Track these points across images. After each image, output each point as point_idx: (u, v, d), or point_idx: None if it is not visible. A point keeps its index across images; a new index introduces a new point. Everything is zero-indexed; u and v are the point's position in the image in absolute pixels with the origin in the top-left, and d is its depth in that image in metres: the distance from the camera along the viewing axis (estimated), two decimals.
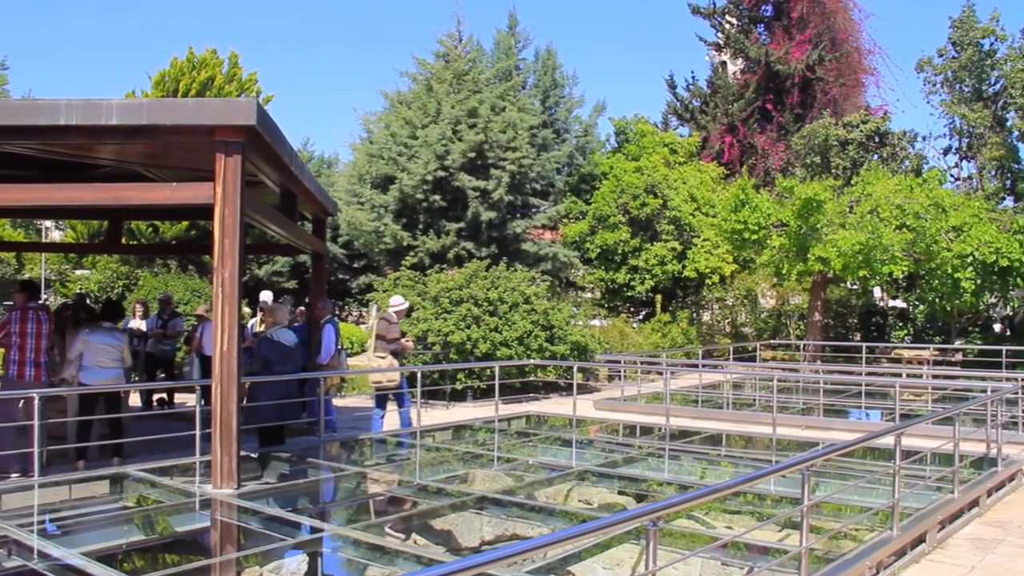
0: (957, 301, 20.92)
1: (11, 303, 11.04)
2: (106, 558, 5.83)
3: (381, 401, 12.01)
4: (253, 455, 9.24)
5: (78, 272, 34.98)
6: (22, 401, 9.13)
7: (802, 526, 5.22)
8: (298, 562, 6.22)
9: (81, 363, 9.55)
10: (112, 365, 9.80)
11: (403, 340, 12.21)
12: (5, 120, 7.38)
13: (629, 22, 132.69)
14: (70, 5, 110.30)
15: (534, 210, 23.58)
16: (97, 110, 7.27)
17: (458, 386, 15.93)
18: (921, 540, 6.64)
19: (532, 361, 15.64)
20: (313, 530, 6.66)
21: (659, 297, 24.83)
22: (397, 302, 12.39)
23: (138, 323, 14.30)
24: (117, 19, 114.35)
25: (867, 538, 6.26)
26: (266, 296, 13.47)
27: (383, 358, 11.71)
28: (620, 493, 8.32)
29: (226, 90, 27.50)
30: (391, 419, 12.07)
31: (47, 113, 7.28)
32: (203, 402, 8.69)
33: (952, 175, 30.93)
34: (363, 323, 31.28)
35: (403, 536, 6.60)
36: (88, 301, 14.75)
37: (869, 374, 17.44)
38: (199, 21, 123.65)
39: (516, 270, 18.33)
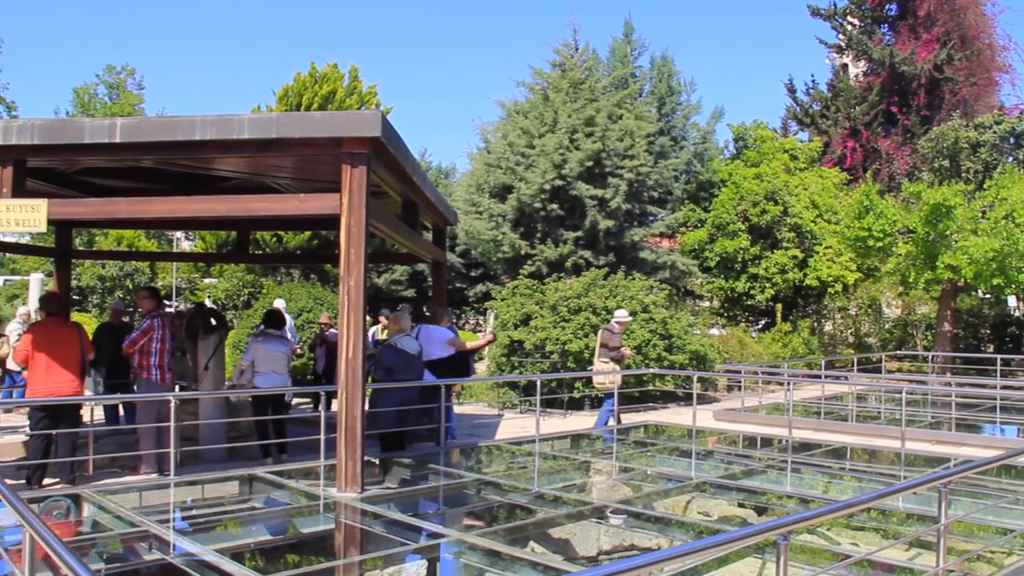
0: None
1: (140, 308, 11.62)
2: (236, 556, 6.09)
3: (610, 400, 13.42)
4: (375, 460, 9.50)
5: (206, 280, 36.37)
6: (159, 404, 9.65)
7: (939, 546, 5.07)
8: (418, 566, 6.37)
9: (255, 369, 10.10)
10: (282, 371, 10.38)
11: (623, 349, 13.65)
12: (149, 136, 7.79)
13: (746, 27, 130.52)
14: (199, 26, 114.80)
15: (652, 218, 23.43)
16: (230, 125, 7.62)
17: (576, 395, 15.98)
18: None
19: (650, 370, 15.57)
20: (433, 535, 6.81)
21: (779, 306, 24.34)
22: (621, 315, 14.08)
23: None
24: (242, 37, 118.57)
25: (1007, 562, 6.03)
26: (385, 312, 13.82)
27: (606, 363, 13.41)
28: (740, 506, 8.24)
29: (347, 103, 28.23)
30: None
31: (184, 129, 7.66)
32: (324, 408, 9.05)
33: None
34: (480, 331, 31.60)
35: (520, 544, 6.68)
36: (210, 306, 15.37)
37: (1004, 387, 16.71)
38: (320, 37, 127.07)
39: (634, 279, 18.27)
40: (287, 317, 16.13)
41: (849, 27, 35.06)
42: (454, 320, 13.64)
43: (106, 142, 7.66)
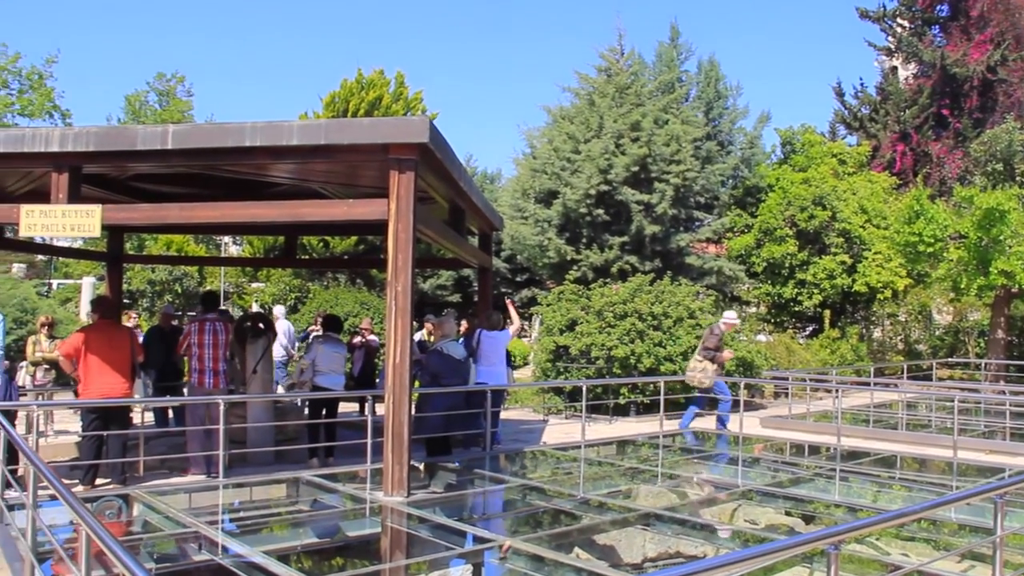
0: None
1: (193, 313, 11.82)
2: (284, 558, 6.14)
3: (699, 401, 13.94)
4: (421, 465, 9.54)
5: (254, 285, 36.79)
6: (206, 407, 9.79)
7: (995, 559, 4.98)
8: (464, 571, 6.39)
9: (315, 368, 10.31)
10: (340, 372, 10.61)
11: (724, 352, 13.95)
12: (199, 143, 7.90)
13: (793, 30, 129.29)
14: (246, 33, 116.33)
15: (698, 223, 23.29)
16: (279, 131, 7.71)
17: (621, 401, 15.93)
18: None
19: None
20: (479, 540, 6.83)
21: (827, 312, 24.04)
22: (730, 317, 14.48)
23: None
24: (289, 44, 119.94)
25: None
26: (430, 318, 13.91)
27: (700, 362, 13.59)
28: (787, 514, 8.15)
29: (393, 109, 28.47)
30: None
31: (234, 135, 7.76)
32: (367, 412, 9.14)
33: None
34: (525, 336, 31.62)
35: (566, 549, 6.67)
36: (257, 310, 15.57)
37: None
38: (367, 44, 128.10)
39: (680, 284, 18.19)
40: (287, 324, 16.41)
41: (899, 29, 34.61)
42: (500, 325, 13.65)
43: (158, 148, 7.79)
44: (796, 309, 24.43)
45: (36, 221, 8.02)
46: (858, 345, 23.72)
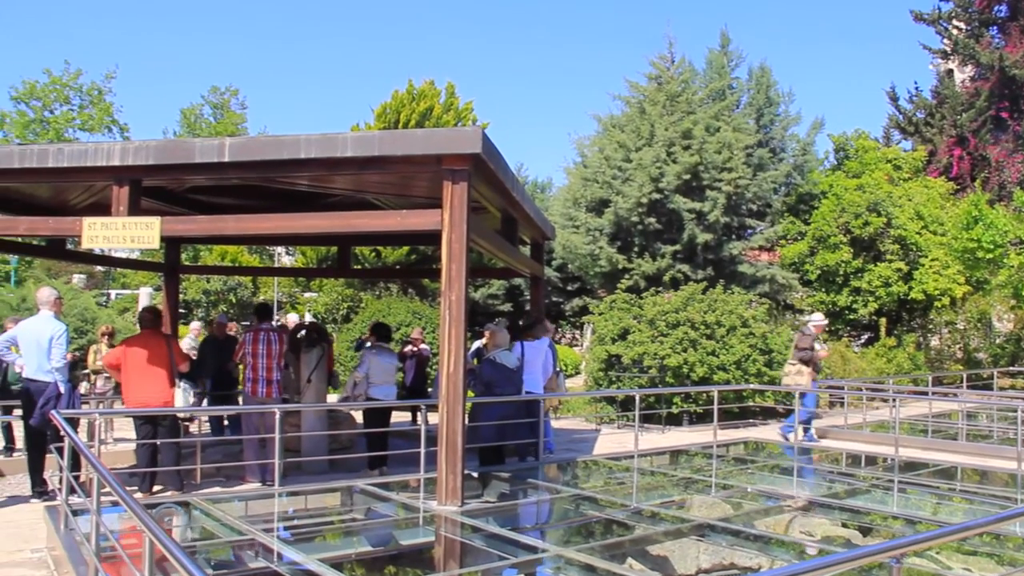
0: None
1: (248, 323, 11.98)
2: (338, 566, 6.18)
3: (809, 401, 14.00)
4: (474, 474, 9.55)
5: (307, 295, 37.24)
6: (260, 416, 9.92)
7: None
8: None
9: (369, 380, 10.39)
10: (391, 382, 10.65)
11: (818, 351, 14.05)
12: (255, 155, 7.99)
13: (846, 35, 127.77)
14: (298, 45, 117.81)
15: (750, 231, 23.12)
16: (333, 143, 7.77)
17: (674, 410, 15.83)
18: None
19: (751, 386, 15.34)
20: (532, 549, 6.82)
21: (883, 320, 23.69)
22: (817, 319, 14.67)
23: None
24: (340, 56, 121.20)
25: None
26: (489, 326, 13.91)
27: (793, 365, 13.83)
28: (843, 526, 8.03)
29: (444, 119, 28.64)
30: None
31: (289, 147, 7.83)
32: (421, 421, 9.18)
33: None
34: (576, 345, 31.57)
35: (618, 560, 6.64)
36: (311, 320, 15.72)
37: None
38: (417, 54, 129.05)
39: (733, 292, 18.05)
40: None
41: (955, 31, 34.06)
42: (553, 334, 13.64)
43: (215, 161, 7.90)
44: (851, 317, 24.08)
45: (98, 233, 8.19)
46: (915, 354, 23.30)
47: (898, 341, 23.30)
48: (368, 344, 11.21)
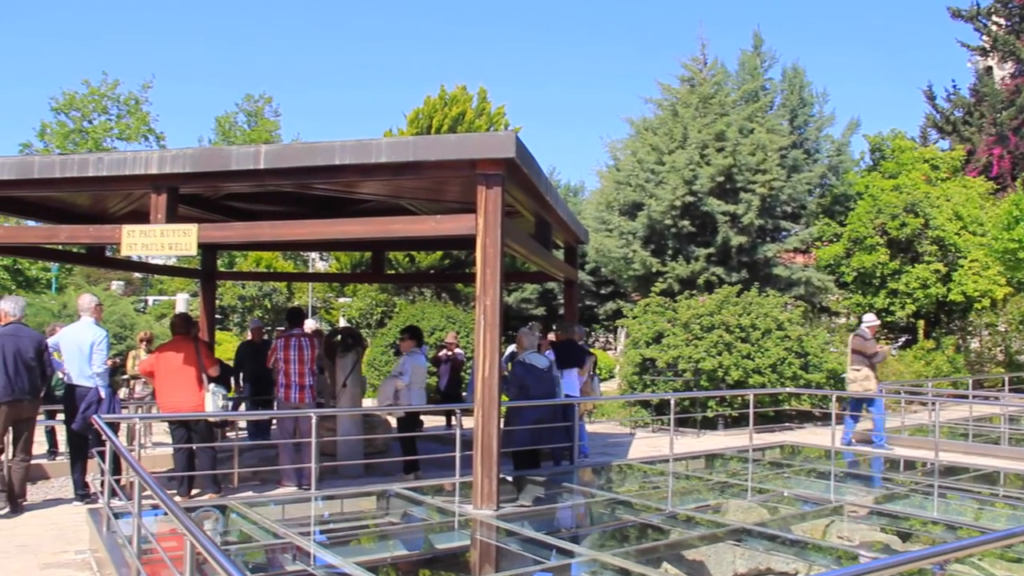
0: None
1: (283, 328, 12.07)
2: (374, 569, 6.21)
3: (856, 405, 14.05)
4: (509, 478, 9.56)
5: (341, 300, 37.45)
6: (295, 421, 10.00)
7: None
8: None
9: (409, 387, 10.44)
10: (423, 385, 10.70)
11: (879, 350, 14.00)
12: (290, 162, 8.04)
13: (880, 33, 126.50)
14: (329, 52, 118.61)
15: (785, 233, 22.96)
16: (368, 149, 7.80)
17: (709, 414, 15.76)
18: None
19: (787, 389, 15.22)
20: (568, 553, 6.81)
21: (921, 322, 23.41)
22: (871, 320, 14.32)
23: None
24: (372, 61, 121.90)
25: None
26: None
27: (858, 371, 13.66)
28: (882, 531, 7.95)
29: (476, 124, 28.71)
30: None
31: (324, 154, 7.88)
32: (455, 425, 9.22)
33: None
34: (610, 349, 31.50)
35: (654, 564, 6.61)
36: (346, 325, 15.81)
37: None
38: (449, 60, 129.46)
39: (768, 295, 17.94)
40: None
41: (994, 27, 33.60)
42: (585, 338, 13.63)
43: (251, 168, 7.97)
44: (888, 320, 23.82)
45: (136, 240, 8.31)
46: (954, 356, 23.01)
47: (937, 344, 23.02)
48: (413, 349, 11.04)
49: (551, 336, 12.76)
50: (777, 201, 21.69)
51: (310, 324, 15.27)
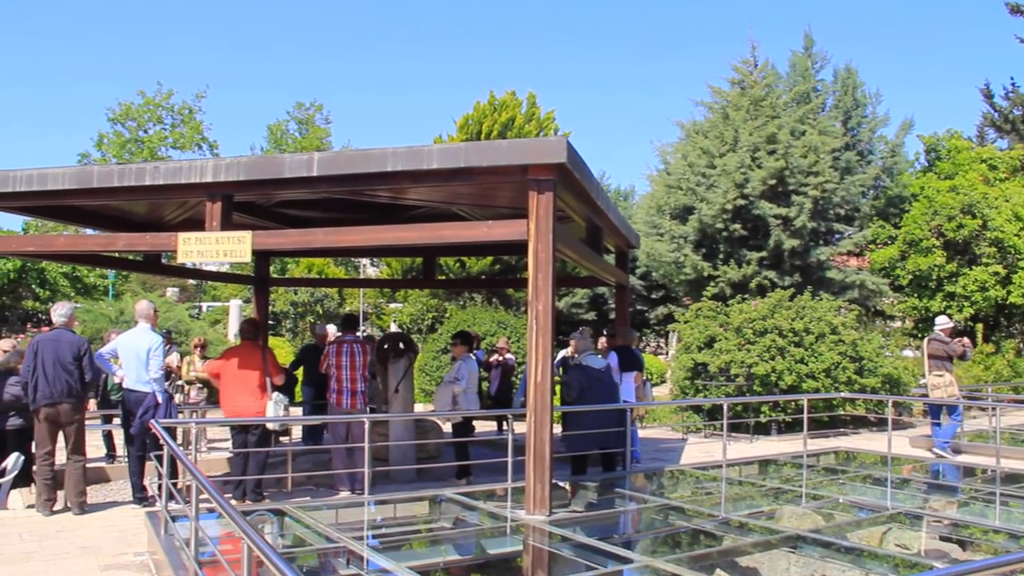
0: None
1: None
2: (427, 574, 6.24)
3: (936, 412, 13.77)
4: (561, 484, 9.54)
5: (392, 306, 37.69)
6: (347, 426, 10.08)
7: None
8: None
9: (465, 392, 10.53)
10: (475, 390, 10.75)
11: (956, 346, 13.74)
12: (343, 169, 8.11)
13: (935, 32, 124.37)
14: (380, 59, 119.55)
15: (838, 236, 22.69)
16: (419, 156, 7.83)
17: (762, 419, 15.61)
18: None
19: (842, 394, 15.00)
20: (621, 560, 6.78)
21: (980, 326, 22.95)
22: (943, 322, 14.30)
23: None
24: (422, 68, 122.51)
25: None
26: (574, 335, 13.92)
27: (940, 376, 13.45)
28: (941, 539, 7.81)
29: (526, 129, 28.75)
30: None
31: (376, 161, 7.93)
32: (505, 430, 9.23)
33: None
34: (661, 354, 31.33)
35: (707, 571, 6.55)
36: (398, 330, 15.88)
37: None
38: (498, 65, 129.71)
39: (821, 299, 17.72)
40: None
41: None
42: (638, 343, 13.58)
43: (304, 176, 8.04)
44: None
45: (192, 248, 8.43)
46: (1015, 360, 22.51)
47: (996, 347, 22.55)
48: (466, 355, 11.04)
49: (602, 341, 12.73)
50: (830, 203, 21.44)
51: (331, 330, 15.40)
